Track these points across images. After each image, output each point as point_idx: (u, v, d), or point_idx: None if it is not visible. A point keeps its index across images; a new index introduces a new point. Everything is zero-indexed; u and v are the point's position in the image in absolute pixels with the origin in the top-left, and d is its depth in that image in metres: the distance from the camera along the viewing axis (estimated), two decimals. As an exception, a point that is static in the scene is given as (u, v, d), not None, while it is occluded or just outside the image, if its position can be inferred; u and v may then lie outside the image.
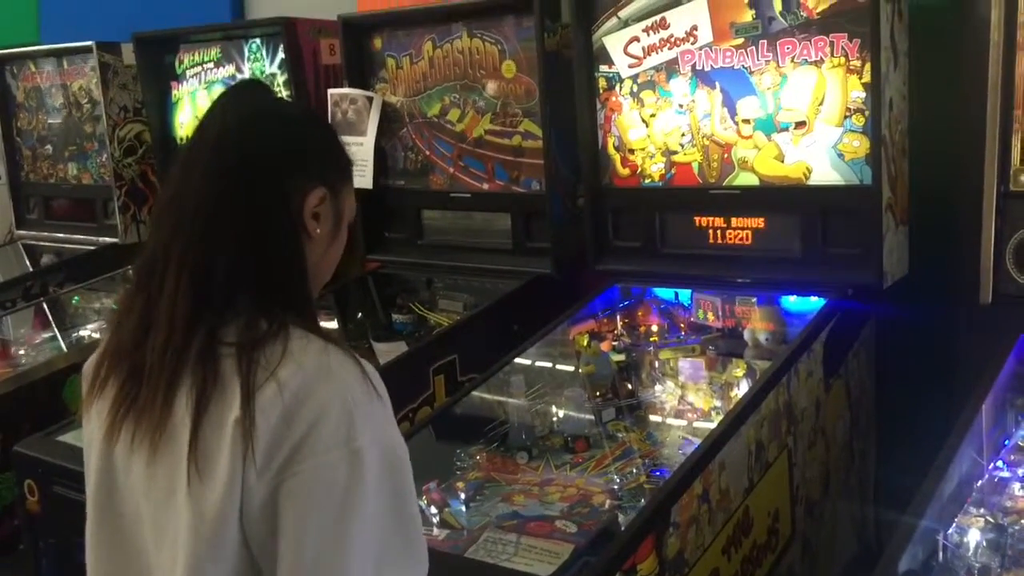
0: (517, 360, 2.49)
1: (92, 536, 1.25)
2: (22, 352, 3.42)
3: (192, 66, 3.73)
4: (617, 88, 2.64)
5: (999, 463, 1.93)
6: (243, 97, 1.29)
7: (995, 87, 2.06)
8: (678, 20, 2.49)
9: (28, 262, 4.31)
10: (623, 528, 1.79)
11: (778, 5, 2.33)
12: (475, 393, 2.41)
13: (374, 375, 1.17)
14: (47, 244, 4.28)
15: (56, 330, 3.53)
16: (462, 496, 2.05)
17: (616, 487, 2.05)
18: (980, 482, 1.87)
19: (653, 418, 2.42)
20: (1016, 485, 1.84)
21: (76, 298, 3.72)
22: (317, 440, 1.09)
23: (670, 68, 2.54)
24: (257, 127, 1.23)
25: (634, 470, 2.11)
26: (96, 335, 3.47)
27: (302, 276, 1.23)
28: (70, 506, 2.43)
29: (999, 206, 2.10)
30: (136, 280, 1.25)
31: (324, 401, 1.10)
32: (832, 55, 2.28)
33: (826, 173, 2.34)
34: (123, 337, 1.21)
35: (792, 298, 2.46)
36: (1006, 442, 1.99)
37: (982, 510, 1.78)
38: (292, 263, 1.21)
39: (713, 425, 2.17)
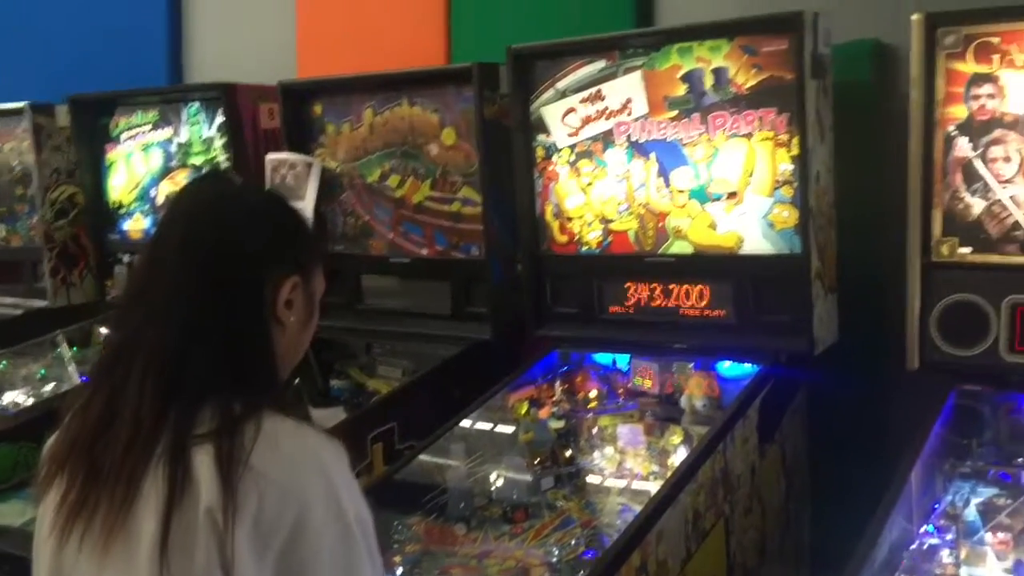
0: (457, 427, 2.48)
1: None
2: (-55, 421, 3.29)
3: (128, 128, 3.71)
4: (555, 157, 2.69)
5: (929, 527, 1.97)
6: (208, 190, 1.31)
7: (916, 162, 2.15)
8: (614, 92, 2.55)
9: (-47, 326, 4.18)
10: (562, 603, 1.78)
11: (709, 80, 2.40)
12: (414, 461, 2.39)
13: (343, 450, 1.21)
14: (-27, 307, 4.16)
15: (-19, 397, 3.42)
16: (399, 571, 2.02)
17: (555, 559, 2.04)
18: (911, 548, 1.91)
19: (592, 484, 2.42)
20: (945, 552, 1.88)
21: (3, 363, 3.61)
22: (310, 523, 1.11)
23: (606, 138, 2.59)
24: (226, 221, 1.24)
25: (572, 541, 2.10)
26: (25, 400, 3.37)
27: (274, 366, 1.24)
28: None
29: (923, 276, 2.17)
30: (98, 373, 1.24)
31: (307, 483, 1.13)
32: (761, 129, 2.35)
33: (758, 242, 2.40)
34: (83, 429, 1.19)
35: (727, 363, 2.50)
36: (935, 506, 2.03)
37: (913, 577, 1.81)
38: (264, 356, 1.22)
39: (653, 490, 2.18)
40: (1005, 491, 2.02)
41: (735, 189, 2.41)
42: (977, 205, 2.11)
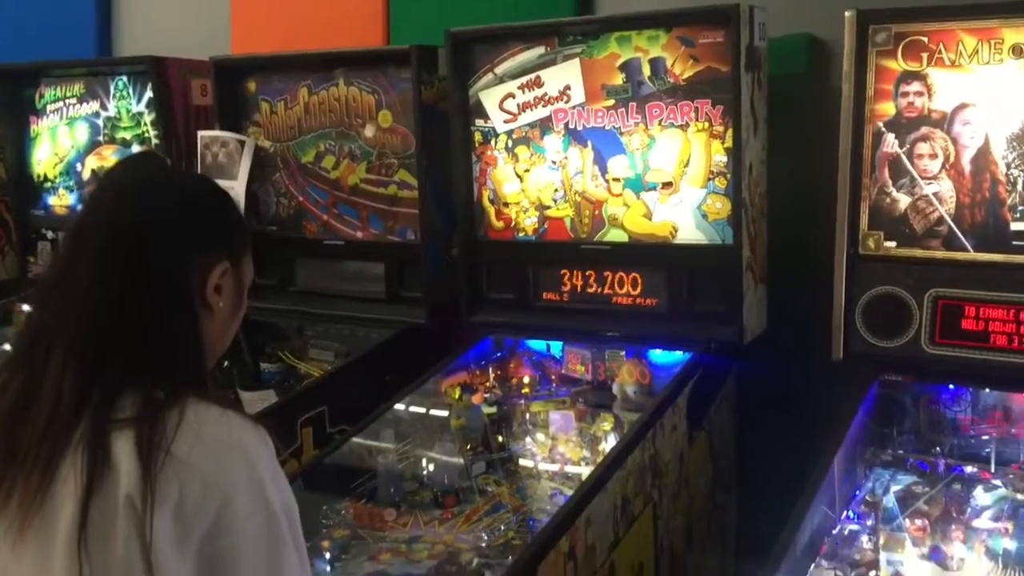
0: (389, 412, 2.47)
1: None
2: None
3: (53, 101, 3.59)
4: (492, 142, 2.68)
5: (850, 513, 2.02)
6: (137, 171, 1.27)
7: (845, 156, 2.19)
8: (552, 79, 2.55)
9: None
10: (490, 588, 1.78)
11: (647, 70, 2.41)
12: (344, 446, 2.37)
13: (269, 437, 1.19)
14: None
15: None
16: (327, 556, 2.00)
17: (484, 544, 2.05)
18: (832, 533, 1.96)
19: (524, 469, 2.43)
20: (864, 538, 1.92)
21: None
22: (235, 511, 1.10)
23: (544, 125, 2.59)
24: (154, 203, 1.21)
25: (502, 526, 2.11)
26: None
27: (199, 352, 1.21)
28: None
29: (849, 268, 2.22)
30: (17, 354, 1.20)
31: (231, 472, 1.11)
32: (697, 120, 2.37)
33: (691, 232, 2.42)
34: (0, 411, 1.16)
35: (658, 351, 2.52)
36: (856, 493, 2.09)
37: (833, 563, 1.85)
38: (189, 342, 1.20)
39: (584, 475, 2.19)
40: (923, 479, 2.08)
41: (670, 179, 2.43)
42: (903, 200, 2.16)
